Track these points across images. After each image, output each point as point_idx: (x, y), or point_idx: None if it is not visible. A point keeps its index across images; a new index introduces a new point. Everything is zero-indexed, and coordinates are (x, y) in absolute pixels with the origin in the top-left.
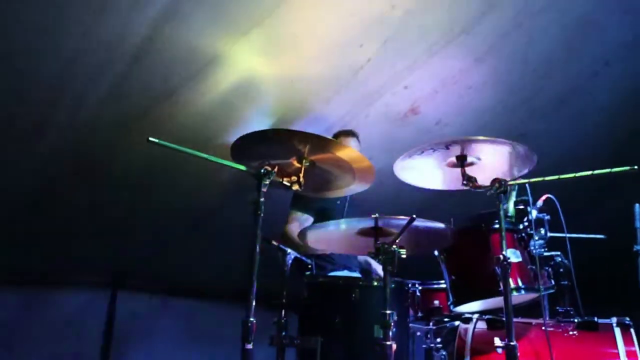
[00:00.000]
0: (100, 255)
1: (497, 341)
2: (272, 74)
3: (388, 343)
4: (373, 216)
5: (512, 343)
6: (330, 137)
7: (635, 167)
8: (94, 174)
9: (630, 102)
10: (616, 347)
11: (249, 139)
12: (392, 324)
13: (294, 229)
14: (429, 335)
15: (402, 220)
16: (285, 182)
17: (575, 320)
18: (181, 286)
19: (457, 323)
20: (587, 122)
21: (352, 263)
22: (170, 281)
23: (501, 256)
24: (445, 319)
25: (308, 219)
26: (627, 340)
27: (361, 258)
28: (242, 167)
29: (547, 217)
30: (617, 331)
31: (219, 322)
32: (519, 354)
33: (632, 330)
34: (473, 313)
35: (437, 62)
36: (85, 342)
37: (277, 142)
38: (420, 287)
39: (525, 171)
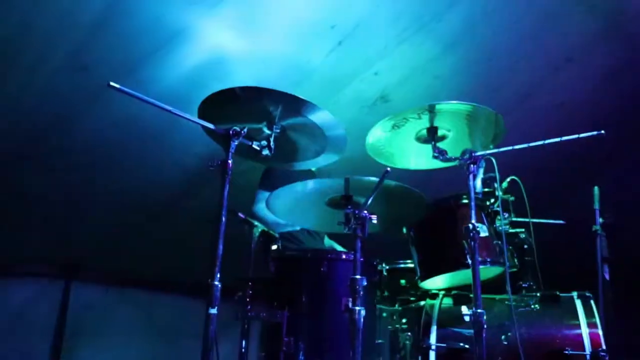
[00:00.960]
0: (51, 243)
1: (464, 309)
2: (242, 51)
3: (357, 308)
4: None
5: (479, 310)
6: None
7: (602, 131)
8: (44, 154)
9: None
10: (577, 317)
11: (217, 98)
12: (360, 290)
13: (262, 209)
14: (394, 317)
15: (375, 180)
16: (254, 146)
17: (538, 295)
18: (140, 277)
19: (422, 303)
20: (549, 117)
21: (318, 246)
22: (128, 272)
23: (470, 225)
24: (412, 298)
25: None
26: (588, 311)
27: (327, 243)
28: (210, 125)
29: (512, 199)
30: (578, 303)
31: (180, 315)
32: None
33: (592, 302)
34: (439, 290)
35: (408, 49)
36: (34, 337)
37: (247, 103)
38: (387, 267)
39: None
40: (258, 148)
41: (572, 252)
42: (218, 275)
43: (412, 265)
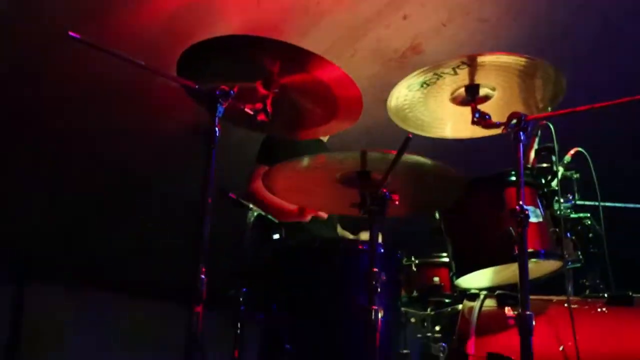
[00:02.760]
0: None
1: (508, 311)
2: None
3: (374, 308)
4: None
5: (527, 312)
6: None
7: None
8: None
9: None
10: None
11: (201, 51)
12: (378, 286)
13: (261, 187)
14: (425, 323)
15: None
16: (247, 110)
17: (605, 296)
18: (106, 277)
19: (460, 306)
20: (630, 74)
21: (329, 235)
22: (92, 271)
23: (517, 207)
24: (447, 300)
25: None
26: None
27: (340, 233)
28: (191, 84)
29: (577, 176)
30: None
31: (154, 322)
32: (536, 333)
33: None
34: (480, 290)
35: None
36: None
37: (238, 56)
38: (417, 261)
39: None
40: (252, 112)
41: None
42: (203, 266)
43: (447, 260)
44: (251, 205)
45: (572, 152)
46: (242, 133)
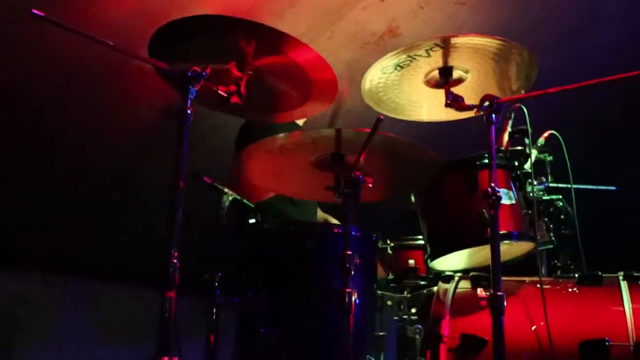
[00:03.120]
0: None
1: (481, 292)
2: None
3: (348, 290)
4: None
5: (499, 293)
6: None
7: None
8: None
9: None
10: (622, 303)
11: (172, 31)
12: (352, 269)
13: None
14: (402, 306)
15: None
16: (220, 92)
17: (576, 276)
18: (86, 264)
19: (435, 288)
20: (605, 57)
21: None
22: (71, 258)
23: (489, 189)
24: (422, 282)
25: None
26: (635, 296)
27: (320, 216)
28: (163, 65)
29: (550, 159)
30: (624, 285)
31: (135, 309)
32: (509, 314)
33: None
34: (455, 272)
35: None
36: None
37: (212, 37)
38: (392, 244)
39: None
40: (225, 95)
41: (623, 225)
42: (175, 251)
43: (422, 242)
44: (226, 190)
45: (545, 134)
46: (220, 117)
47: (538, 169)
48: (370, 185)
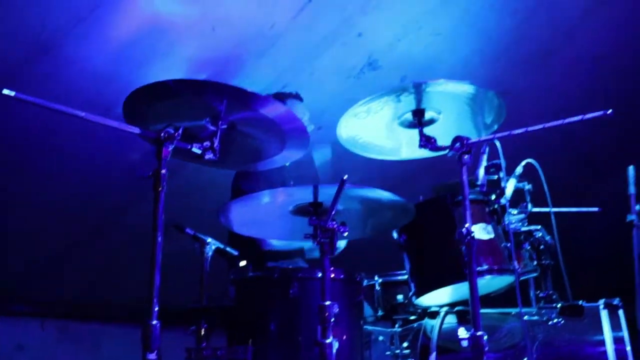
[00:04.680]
0: None
1: (462, 332)
2: (186, 17)
3: (327, 341)
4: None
5: (478, 333)
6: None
7: (609, 110)
8: None
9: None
10: (602, 332)
11: (145, 94)
12: (332, 318)
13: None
14: (394, 340)
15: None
16: (194, 150)
17: (558, 306)
18: (83, 307)
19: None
20: (575, 77)
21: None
22: (67, 302)
23: (464, 230)
24: (412, 317)
25: None
26: (615, 324)
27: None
28: (135, 130)
29: (529, 187)
30: (604, 315)
31: (132, 350)
32: (494, 348)
33: (620, 312)
34: (442, 306)
35: (397, 1)
36: None
37: (185, 97)
38: (380, 280)
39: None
40: (199, 151)
41: (606, 249)
42: (155, 312)
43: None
44: (209, 240)
45: (522, 163)
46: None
47: (519, 198)
48: (345, 234)
